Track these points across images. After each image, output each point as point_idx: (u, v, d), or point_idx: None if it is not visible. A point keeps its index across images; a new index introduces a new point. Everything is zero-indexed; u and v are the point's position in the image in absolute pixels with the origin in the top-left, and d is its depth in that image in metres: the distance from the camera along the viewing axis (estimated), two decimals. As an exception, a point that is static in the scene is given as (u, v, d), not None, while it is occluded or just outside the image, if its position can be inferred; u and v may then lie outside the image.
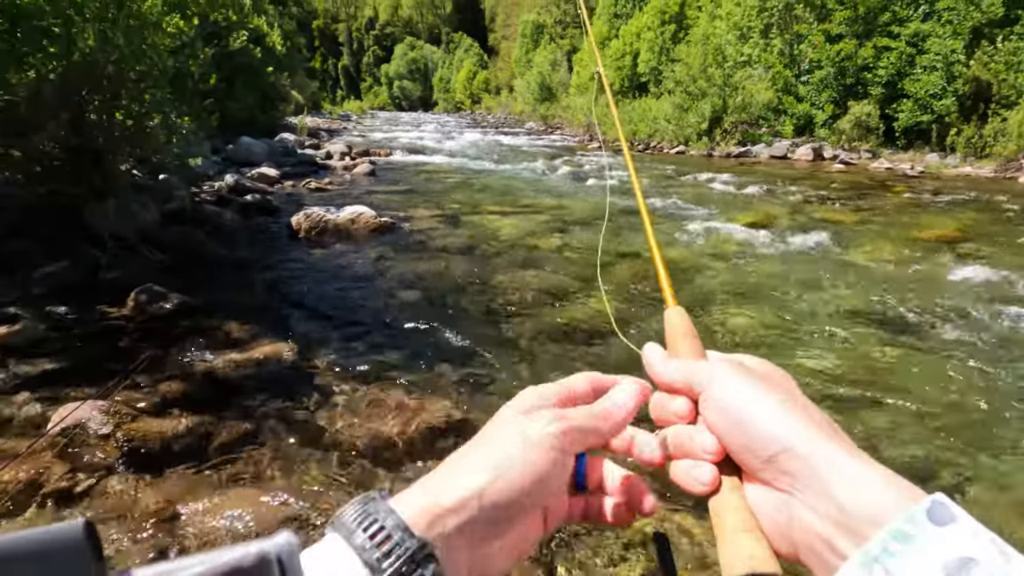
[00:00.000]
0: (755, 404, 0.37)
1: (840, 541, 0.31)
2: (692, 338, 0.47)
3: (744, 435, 0.36)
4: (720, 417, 0.38)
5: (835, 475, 0.32)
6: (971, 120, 13.46)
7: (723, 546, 0.36)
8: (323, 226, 6.09)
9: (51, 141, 4.59)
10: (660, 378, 0.44)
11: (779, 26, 17.89)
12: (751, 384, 0.38)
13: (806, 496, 0.33)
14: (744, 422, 0.36)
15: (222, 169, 9.57)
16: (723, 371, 0.40)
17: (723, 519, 0.37)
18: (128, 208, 5.04)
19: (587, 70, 29.80)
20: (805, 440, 0.34)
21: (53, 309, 3.66)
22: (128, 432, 2.26)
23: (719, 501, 0.38)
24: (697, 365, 0.42)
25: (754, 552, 0.35)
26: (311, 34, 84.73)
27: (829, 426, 0.36)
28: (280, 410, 2.75)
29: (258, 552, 0.25)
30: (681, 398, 0.42)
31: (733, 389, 0.38)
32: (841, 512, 0.31)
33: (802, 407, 0.37)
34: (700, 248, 6.04)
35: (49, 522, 1.89)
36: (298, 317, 4.01)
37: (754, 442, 0.36)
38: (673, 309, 0.50)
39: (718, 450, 0.38)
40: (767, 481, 0.36)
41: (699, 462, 0.39)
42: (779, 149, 15.76)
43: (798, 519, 0.34)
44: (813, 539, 0.33)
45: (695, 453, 0.39)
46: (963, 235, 6.63)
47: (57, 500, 1.99)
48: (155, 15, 5.20)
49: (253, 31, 14.47)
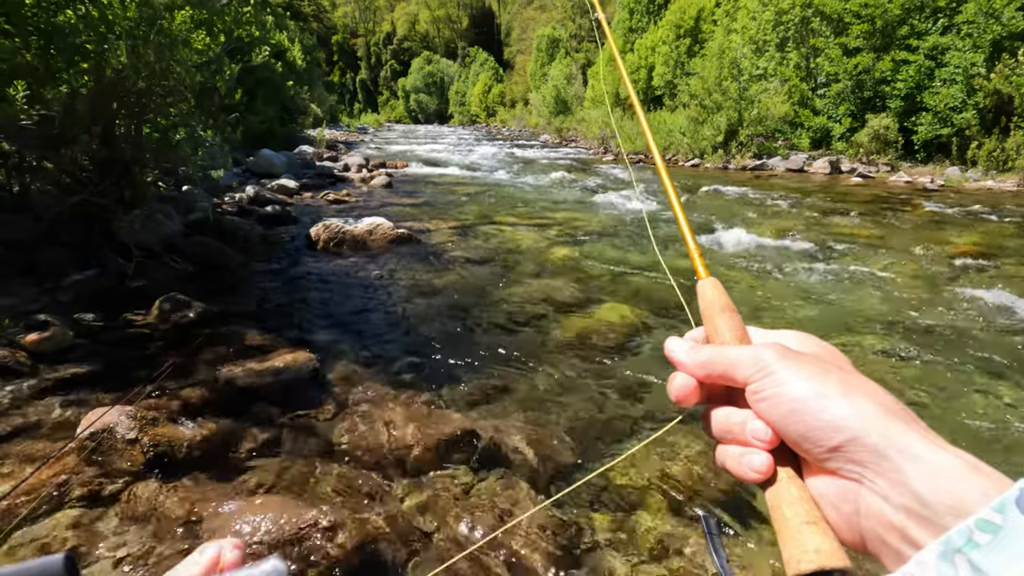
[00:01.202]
0: (812, 393, 0.34)
1: (916, 531, 0.29)
2: (730, 313, 0.43)
3: (802, 425, 0.34)
4: (775, 408, 0.35)
5: (911, 463, 0.30)
6: (992, 133, 13.28)
7: (785, 540, 0.34)
8: (341, 237, 6.18)
9: (83, 154, 4.74)
10: (693, 373, 0.41)
11: (795, 40, 17.86)
12: (805, 372, 0.35)
13: (878, 485, 0.31)
14: (802, 412, 0.34)
15: (243, 181, 9.77)
16: (773, 357, 0.37)
17: (782, 511, 0.35)
18: (153, 218, 5.17)
19: (602, 83, 29.95)
20: (873, 426, 0.32)
21: (81, 316, 3.76)
22: (153, 437, 2.31)
23: (776, 491, 0.36)
24: (739, 353, 0.39)
25: (820, 545, 0.33)
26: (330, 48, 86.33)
27: (897, 407, 0.33)
28: (299, 418, 2.79)
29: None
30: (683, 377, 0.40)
31: (785, 379, 0.35)
32: (918, 502, 0.29)
33: (864, 388, 0.34)
34: (715, 261, 6.02)
35: (76, 527, 1.94)
36: (317, 326, 4.07)
37: (815, 432, 0.33)
38: (706, 281, 0.45)
39: (772, 439, 0.36)
40: (831, 471, 0.34)
41: (751, 449, 0.37)
42: (795, 162, 15.66)
43: (867, 508, 0.32)
44: (885, 529, 0.31)
45: (746, 440, 0.37)
46: (985, 250, 6.53)
47: (86, 503, 2.04)
48: (183, 32, 5.37)
49: (275, 46, 14.82)
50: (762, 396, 0.36)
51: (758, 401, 0.37)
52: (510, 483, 2.36)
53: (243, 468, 2.36)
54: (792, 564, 0.33)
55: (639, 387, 3.25)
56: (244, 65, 9.67)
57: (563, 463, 2.53)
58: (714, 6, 23.62)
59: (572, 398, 3.11)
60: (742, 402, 0.39)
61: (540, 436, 2.72)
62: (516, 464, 2.51)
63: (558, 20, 55.10)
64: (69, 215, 4.67)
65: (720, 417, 0.40)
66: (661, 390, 3.21)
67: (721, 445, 0.40)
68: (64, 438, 2.40)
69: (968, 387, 3.31)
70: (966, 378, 3.42)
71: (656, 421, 2.89)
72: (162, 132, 5.46)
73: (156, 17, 4.76)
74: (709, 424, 0.40)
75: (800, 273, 5.62)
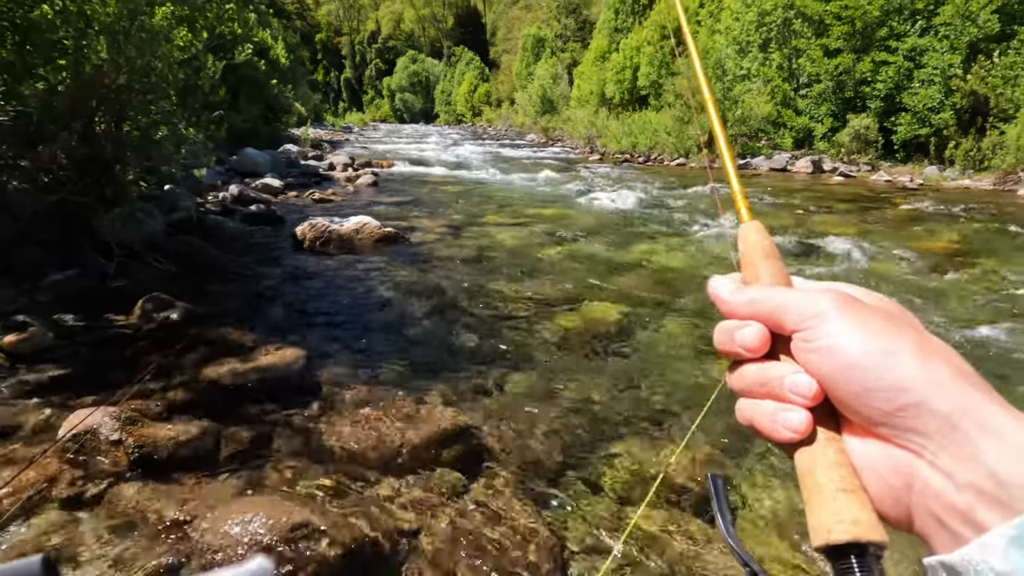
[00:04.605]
0: (877, 347, 0.30)
1: (983, 513, 0.26)
2: (774, 259, 0.39)
3: (861, 383, 0.30)
4: (827, 360, 0.31)
5: (988, 437, 0.27)
6: (969, 133, 13.56)
7: (816, 507, 0.31)
8: (328, 236, 6.13)
9: (61, 151, 4.65)
10: (736, 312, 0.36)
11: (777, 40, 18.07)
12: (870, 322, 0.31)
13: (941, 459, 0.28)
14: (863, 367, 0.30)
15: (226, 179, 9.65)
16: (830, 304, 0.33)
17: (816, 476, 0.32)
18: (135, 217, 5.08)
19: (588, 83, 30.06)
20: (946, 393, 0.28)
21: (61, 317, 3.68)
22: (138, 438, 2.27)
23: (811, 454, 0.33)
24: (791, 295, 0.35)
25: (858, 516, 0.30)
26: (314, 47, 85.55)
27: (974, 376, 0.30)
28: (287, 417, 2.76)
29: None
30: (751, 324, 0.35)
31: (846, 327, 0.31)
32: (992, 481, 0.26)
33: (940, 351, 0.30)
34: (703, 257, 6.07)
35: (60, 530, 1.90)
36: (303, 326, 4.03)
37: (874, 392, 0.30)
38: (749, 224, 0.41)
39: (816, 394, 0.32)
40: (885, 437, 0.30)
41: (787, 405, 0.33)
42: (779, 162, 15.85)
43: (923, 483, 0.29)
44: (944, 509, 0.28)
45: (783, 395, 0.33)
46: (964, 247, 6.67)
47: (70, 505, 2.00)
48: (165, 28, 5.29)
49: (258, 44, 14.65)
50: (814, 346, 0.32)
51: (807, 351, 0.33)
52: (499, 481, 2.36)
53: (229, 469, 2.33)
54: (821, 533, 0.31)
55: (628, 383, 3.27)
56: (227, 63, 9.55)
57: (553, 460, 2.54)
58: (698, 7, 23.81)
59: (562, 395, 3.11)
60: (777, 351, 0.35)
61: (530, 434, 2.72)
62: (505, 462, 2.50)
63: (543, 20, 55.15)
64: (47, 214, 4.57)
65: (754, 368, 0.35)
66: (652, 384, 3.23)
67: (747, 400, 0.36)
68: (44, 441, 2.35)
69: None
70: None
71: (651, 418, 2.91)
72: (143, 130, 5.36)
73: (137, 12, 4.68)
74: (739, 375, 0.36)
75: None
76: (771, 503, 2.25)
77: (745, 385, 0.36)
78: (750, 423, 0.35)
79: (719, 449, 2.58)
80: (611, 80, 27.26)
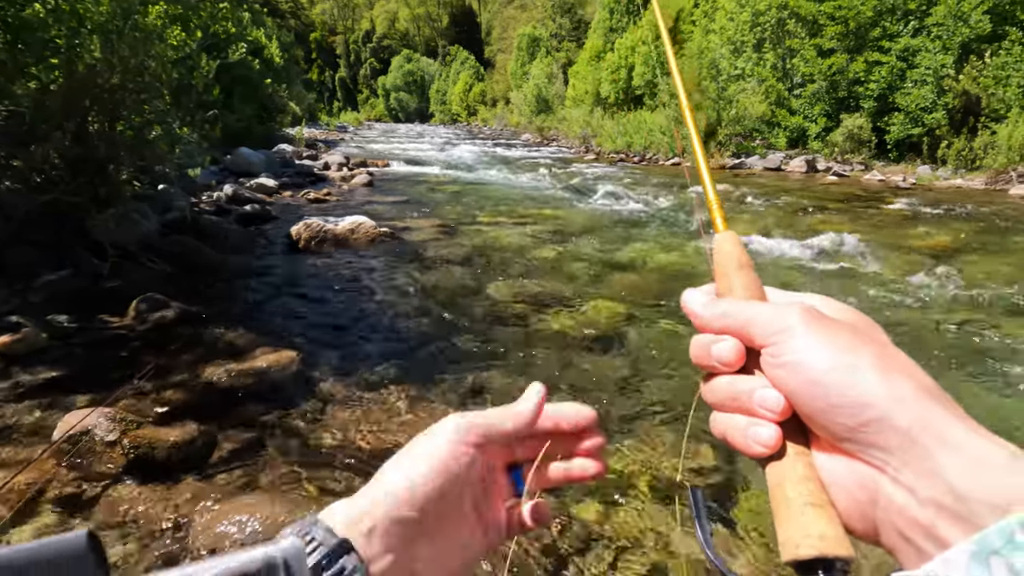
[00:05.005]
0: (841, 362, 0.30)
1: (945, 528, 0.26)
2: (747, 270, 0.39)
3: (824, 399, 0.30)
4: (793, 376, 0.32)
5: (947, 452, 0.27)
6: (961, 133, 13.65)
7: (785, 521, 0.31)
8: (323, 236, 6.12)
9: (54, 151, 4.62)
10: (708, 326, 0.37)
11: (772, 41, 18.14)
12: (835, 337, 0.31)
13: (903, 475, 0.28)
14: (826, 384, 0.30)
15: (220, 179, 9.61)
16: (797, 319, 0.32)
17: (784, 490, 0.32)
18: (129, 217, 5.06)
19: (583, 82, 30.09)
20: (907, 408, 0.28)
21: (55, 317, 3.66)
22: (134, 439, 2.27)
23: (780, 468, 0.33)
24: (760, 309, 0.35)
25: (825, 531, 0.30)
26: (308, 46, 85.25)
27: (936, 390, 0.30)
28: (283, 418, 2.76)
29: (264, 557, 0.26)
30: (727, 338, 0.35)
31: (812, 343, 0.31)
32: (951, 496, 0.26)
33: (901, 366, 0.31)
34: (698, 256, 6.09)
35: (59, 529, 1.89)
36: (299, 326, 4.02)
37: (838, 408, 0.30)
38: (724, 234, 0.41)
39: (784, 409, 0.32)
40: (850, 453, 0.30)
41: (758, 420, 0.34)
42: (773, 161, 15.92)
43: (887, 499, 0.29)
44: (906, 524, 0.28)
45: (753, 409, 0.34)
46: (956, 246, 6.72)
47: (66, 507, 1.99)
48: (158, 27, 5.26)
49: (252, 43, 14.58)
50: (780, 361, 0.32)
51: (774, 366, 0.33)
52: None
53: (226, 469, 2.33)
54: (789, 548, 0.31)
55: (624, 382, 3.28)
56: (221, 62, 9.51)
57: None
58: (692, 6, 23.88)
59: (558, 394, 3.12)
60: (751, 366, 0.35)
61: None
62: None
63: (538, 19, 55.15)
64: (40, 214, 4.54)
65: (724, 382, 0.36)
66: (648, 384, 3.24)
67: (720, 413, 0.36)
68: (39, 442, 2.33)
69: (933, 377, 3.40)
70: (931, 372, 3.51)
71: (646, 419, 2.92)
72: (137, 129, 5.33)
73: (130, 11, 4.65)
74: (710, 388, 0.37)
75: (775, 267, 5.71)
76: (756, 512, 2.26)
77: (718, 399, 0.36)
78: (723, 436, 0.36)
79: (708, 450, 2.59)
80: (606, 80, 27.30)
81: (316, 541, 0.32)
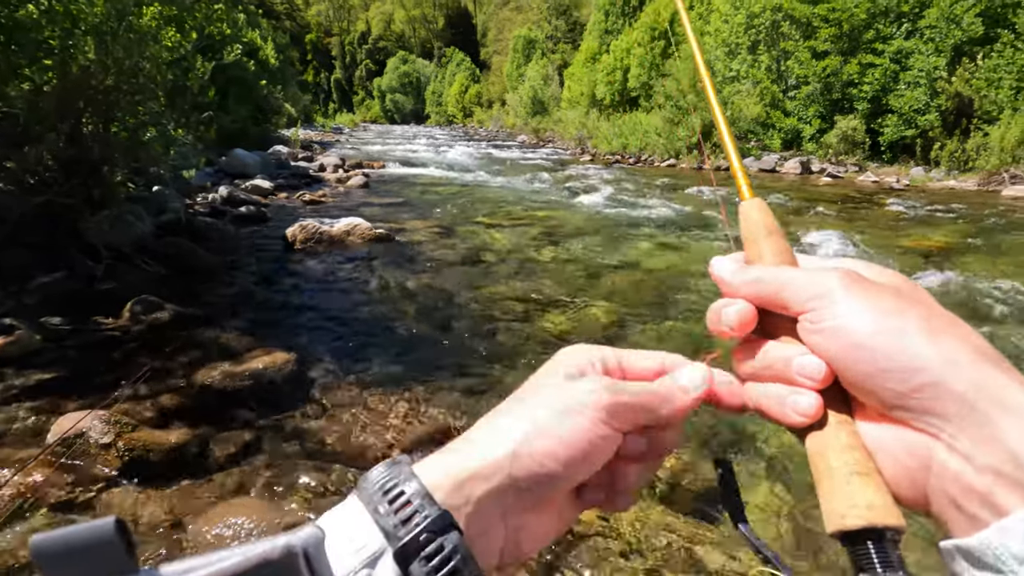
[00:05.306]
0: (887, 326, 0.29)
1: (1003, 496, 0.25)
2: (777, 236, 0.37)
3: (871, 364, 0.29)
4: (835, 341, 0.30)
5: (1008, 417, 0.26)
6: (954, 135, 13.75)
7: (829, 492, 0.30)
8: (319, 237, 6.11)
9: (48, 152, 4.60)
10: (738, 293, 0.35)
11: (766, 43, 18.24)
12: (879, 300, 0.30)
13: (959, 441, 0.27)
14: (872, 348, 0.29)
15: (216, 181, 9.58)
16: (837, 282, 0.31)
17: (828, 459, 0.31)
18: (123, 219, 5.03)
19: (579, 84, 30.16)
20: (962, 372, 0.27)
21: (48, 320, 3.64)
22: (129, 442, 2.26)
23: (822, 437, 0.32)
24: (795, 274, 0.33)
25: (873, 500, 0.29)
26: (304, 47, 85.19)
27: (991, 352, 0.28)
28: (279, 420, 2.75)
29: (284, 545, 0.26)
30: (739, 302, 0.34)
31: (854, 307, 0.30)
32: (1012, 463, 0.25)
33: (953, 328, 0.29)
34: (693, 257, 6.11)
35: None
36: (295, 327, 4.01)
37: (886, 373, 0.28)
38: (751, 201, 0.40)
39: (826, 376, 0.31)
40: (899, 420, 0.29)
41: (797, 389, 0.32)
42: (768, 162, 15.99)
43: (940, 466, 0.28)
44: (959, 491, 0.27)
45: (792, 378, 0.32)
46: (949, 246, 6.76)
47: (60, 510, 1.98)
48: (153, 28, 5.25)
49: (247, 45, 14.56)
50: (820, 327, 0.31)
51: (813, 332, 0.31)
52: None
53: (222, 471, 2.32)
54: (835, 519, 0.29)
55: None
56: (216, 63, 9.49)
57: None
58: (687, 9, 23.99)
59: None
60: (783, 334, 0.34)
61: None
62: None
63: (534, 21, 55.27)
64: (34, 216, 4.52)
65: (758, 351, 0.34)
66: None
67: (754, 384, 0.35)
68: (33, 445, 2.32)
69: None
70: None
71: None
72: (131, 131, 5.32)
73: (125, 12, 4.64)
74: (743, 357, 0.35)
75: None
76: (769, 494, 2.27)
77: (752, 369, 0.35)
78: (758, 407, 0.34)
79: (711, 438, 2.60)
80: (601, 81, 27.38)
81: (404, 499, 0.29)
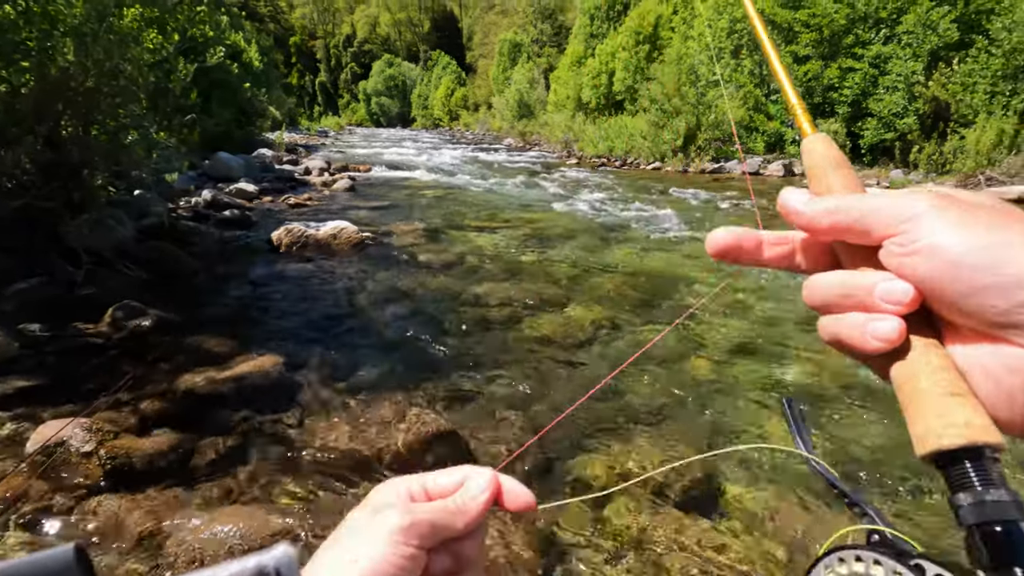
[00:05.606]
0: (989, 240, 0.28)
1: None
2: (846, 169, 0.36)
3: (969, 281, 0.28)
4: (928, 261, 0.29)
5: None
6: (932, 138, 14.04)
7: (921, 414, 0.29)
8: (304, 241, 6.06)
9: (26, 155, 4.51)
10: (814, 223, 0.34)
11: (748, 47, 18.47)
12: (975, 217, 0.29)
13: None
14: (972, 265, 0.28)
15: (199, 184, 9.45)
16: (927, 204, 0.30)
17: (918, 382, 0.30)
18: (104, 223, 4.95)
19: (564, 87, 30.29)
20: None
21: (27, 326, 3.57)
22: (111, 450, 2.22)
23: (909, 362, 0.31)
24: (879, 200, 0.32)
25: (971, 419, 0.28)
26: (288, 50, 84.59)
27: None
28: (264, 426, 2.72)
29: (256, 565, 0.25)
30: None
31: (949, 223, 0.29)
32: None
33: None
34: (679, 259, 6.16)
35: (35, 542, 1.84)
36: (280, 332, 3.97)
37: (989, 289, 0.27)
38: (814, 136, 0.39)
39: (913, 298, 0.30)
40: (999, 337, 0.28)
41: (878, 315, 0.31)
42: (751, 165, 16.19)
43: None
44: None
45: (873, 304, 0.31)
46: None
47: (41, 520, 1.94)
48: (134, 30, 5.17)
49: (230, 47, 14.43)
50: (911, 248, 0.30)
51: (903, 255, 0.30)
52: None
53: (207, 479, 2.29)
54: (930, 439, 0.28)
55: (613, 383, 3.30)
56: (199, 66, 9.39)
57: (538, 463, 2.55)
58: (671, 13, 24.22)
59: (546, 399, 3.13)
60: (859, 264, 0.33)
61: (513, 438, 2.73)
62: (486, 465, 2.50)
63: (520, 25, 55.43)
64: (11, 220, 4.43)
65: (835, 279, 0.34)
66: (636, 385, 3.26)
67: (829, 316, 0.34)
68: (11, 455, 2.27)
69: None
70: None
71: (630, 419, 2.94)
72: (112, 133, 5.23)
73: (105, 14, 4.57)
74: (817, 286, 0.34)
75: (759, 268, 5.80)
76: (759, 502, 2.29)
77: (827, 298, 0.34)
78: (836, 338, 0.33)
79: (699, 437, 2.62)
80: (587, 85, 27.53)
81: None
